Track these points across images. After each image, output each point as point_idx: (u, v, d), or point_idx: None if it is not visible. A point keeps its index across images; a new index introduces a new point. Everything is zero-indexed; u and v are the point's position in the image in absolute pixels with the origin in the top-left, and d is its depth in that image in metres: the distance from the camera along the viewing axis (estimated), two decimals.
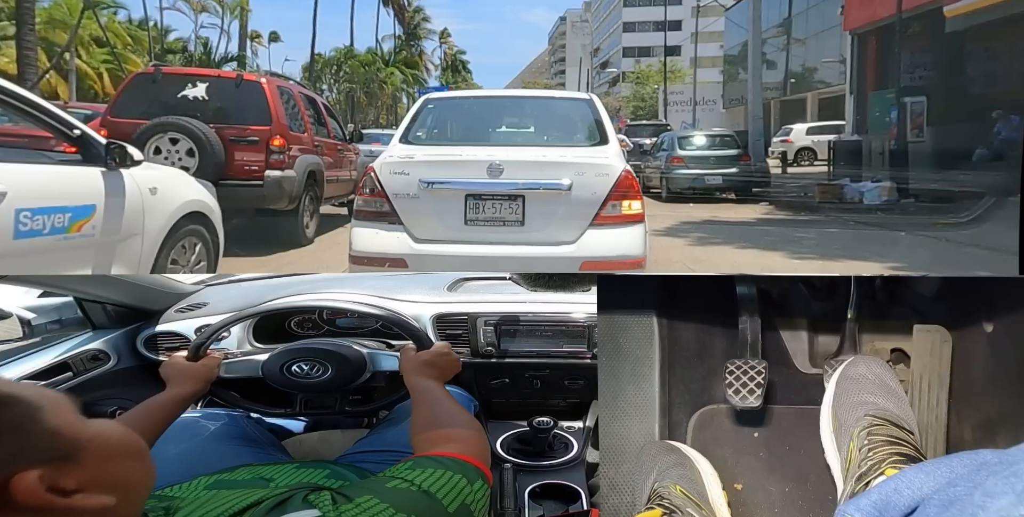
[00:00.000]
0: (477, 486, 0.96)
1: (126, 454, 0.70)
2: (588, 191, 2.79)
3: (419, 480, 0.91)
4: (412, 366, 1.40)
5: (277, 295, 1.98)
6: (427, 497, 0.89)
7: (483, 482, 0.98)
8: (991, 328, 1.32)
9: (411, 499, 0.88)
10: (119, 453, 0.69)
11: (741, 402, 1.40)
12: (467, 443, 1.06)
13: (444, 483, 0.92)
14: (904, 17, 10.93)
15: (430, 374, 1.38)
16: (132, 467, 0.70)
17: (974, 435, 1.33)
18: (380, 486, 0.90)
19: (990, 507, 0.62)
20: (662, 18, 35.59)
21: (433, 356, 1.43)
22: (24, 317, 2.31)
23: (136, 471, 0.71)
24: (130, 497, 0.70)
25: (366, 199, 2.90)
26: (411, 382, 1.36)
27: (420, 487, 0.90)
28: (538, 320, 2.03)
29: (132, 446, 0.71)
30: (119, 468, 0.68)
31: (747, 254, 5.78)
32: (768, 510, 1.38)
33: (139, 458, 0.72)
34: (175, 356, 1.54)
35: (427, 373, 1.37)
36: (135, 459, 0.71)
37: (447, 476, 0.93)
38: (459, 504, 0.91)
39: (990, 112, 9.99)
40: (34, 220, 2.07)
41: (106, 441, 0.67)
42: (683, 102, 27.07)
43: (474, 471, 0.97)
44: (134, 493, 0.71)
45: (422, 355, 1.43)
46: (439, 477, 0.93)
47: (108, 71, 21.53)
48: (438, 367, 1.41)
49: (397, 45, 36.82)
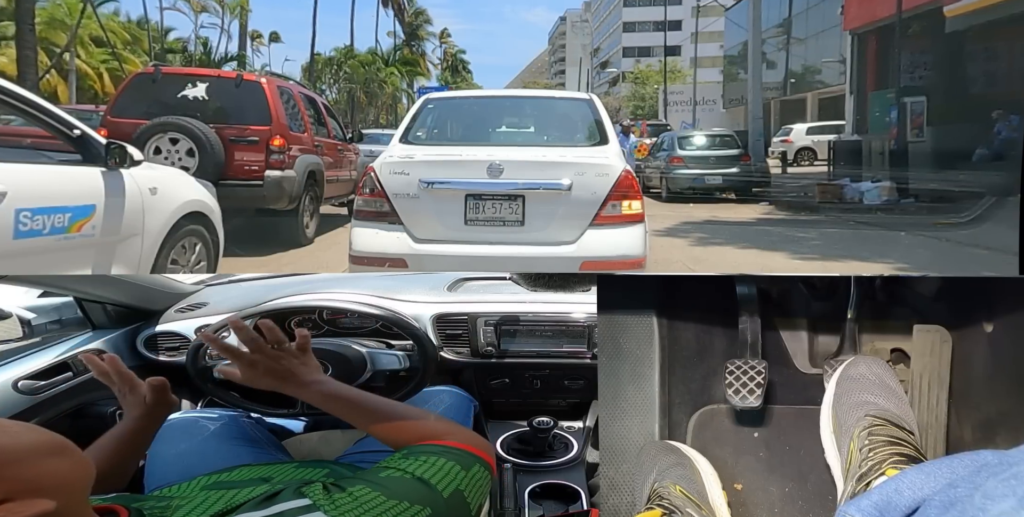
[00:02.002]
0: (474, 471, 0.95)
1: (46, 454, 0.67)
2: (588, 191, 2.79)
3: (411, 468, 0.91)
4: (296, 372, 1.11)
5: (277, 295, 1.98)
6: (420, 483, 0.89)
7: (480, 467, 0.97)
8: (991, 328, 1.32)
9: (404, 486, 0.88)
10: (36, 455, 0.66)
11: (741, 402, 1.40)
12: (456, 432, 1.05)
13: (438, 470, 0.92)
14: (904, 17, 10.94)
15: (312, 369, 1.13)
16: (59, 466, 0.68)
17: (974, 435, 1.33)
18: (374, 476, 0.90)
19: (991, 510, 0.62)
20: (662, 18, 35.60)
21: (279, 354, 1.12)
22: (24, 317, 2.31)
23: (66, 469, 0.69)
24: (73, 497, 0.68)
25: (366, 199, 2.89)
26: (315, 387, 1.10)
27: (413, 474, 0.90)
28: (538, 320, 2.03)
29: (50, 445, 0.69)
30: (44, 470, 0.66)
31: (747, 254, 5.78)
32: (768, 510, 1.38)
33: (63, 455, 0.70)
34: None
35: (312, 371, 1.13)
36: (59, 457, 0.69)
37: (440, 462, 0.93)
38: (452, 489, 0.90)
39: (990, 112, 9.99)
40: (34, 220, 2.07)
41: (15, 447, 0.65)
42: (683, 102, 27.05)
43: (470, 457, 0.97)
44: (75, 492, 0.69)
45: (272, 357, 1.10)
46: (432, 463, 0.93)
47: (108, 71, 21.51)
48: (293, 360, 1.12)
49: (397, 45, 36.83)
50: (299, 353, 1.13)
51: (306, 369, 1.12)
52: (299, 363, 1.12)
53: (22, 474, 0.64)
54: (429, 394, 1.73)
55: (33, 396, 1.73)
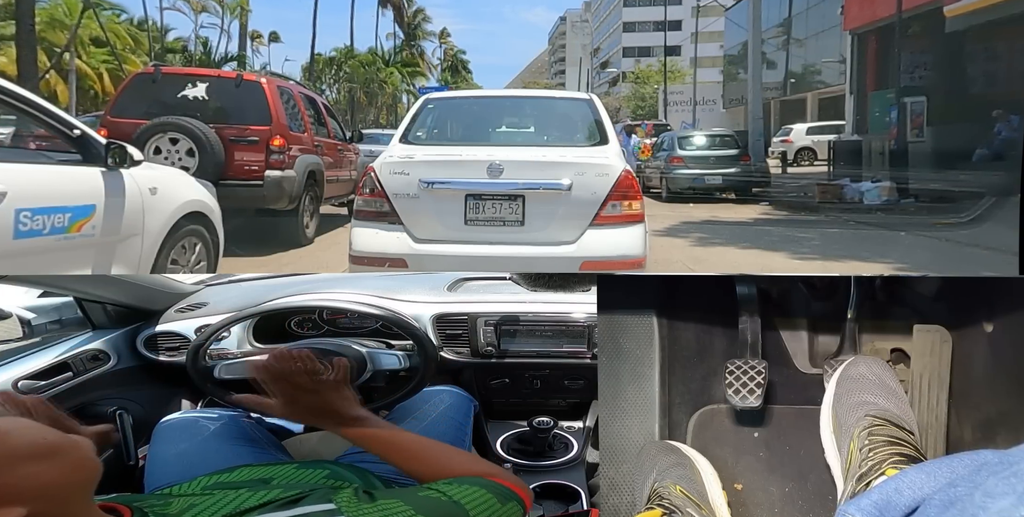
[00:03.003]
0: (509, 506, 0.97)
1: (28, 459, 0.64)
2: (588, 191, 2.79)
3: (451, 492, 0.93)
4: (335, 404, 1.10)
5: (277, 295, 1.98)
6: (454, 506, 0.90)
7: (516, 503, 0.99)
8: (991, 328, 1.32)
9: (437, 507, 0.89)
10: (14, 462, 0.63)
11: (741, 402, 1.40)
12: (498, 472, 1.06)
13: (474, 498, 0.93)
14: (904, 17, 10.93)
15: (351, 403, 1.12)
16: (43, 471, 0.65)
17: (974, 435, 1.33)
18: (412, 493, 0.92)
19: (991, 508, 0.62)
20: (662, 18, 35.57)
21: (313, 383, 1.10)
22: (24, 317, 2.31)
23: (53, 473, 0.65)
24: (54, 501, 0.65)
25: (366, 199, 2.90)
26: (357, 424, 1.09)
27: (451, 498, 0.91)
28: (538, 320, 2.03)
29: (36, 449, 0.65)
30: (20, 474, 0.63)
31: (747, 254, 5.78)
32: (768, 510, 1.38)
33: (53, 458, 0.66)
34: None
35: (351, 403, 1.12)
36: (46, 461, 0.65)
37: (478, 492, 0.94)
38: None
39: (990, 112, 9.99)
40: (34, 220, 2.07)
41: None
42: (683, 102, 27.04)
43: (509, 492, 0.98)
44: (57, 495, 0.66)
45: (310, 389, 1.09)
46: (471, 492, 0.94)
47: (108, 71, 21.50)
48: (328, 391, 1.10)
49: (397, 45, 36.82)
50: (337, 385, 1.09)
51: (347, 403, 1.09)
52: (339, 397, 1.09)
53: (4, 480, 0.62)
54: (429, 394, 1.72)
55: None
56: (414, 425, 1.57)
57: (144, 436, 1.84)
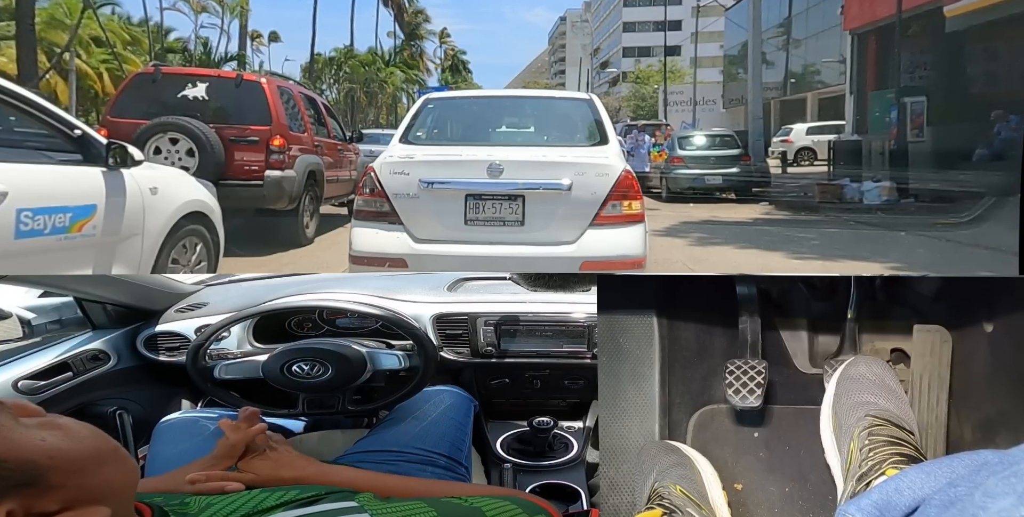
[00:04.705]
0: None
1: (98, 461, 0.67)
2: (588, 191, 2.79)
3: (475, 500, 0.93)
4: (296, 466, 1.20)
5: (277, 295, 1.98)
6: (474, 512, 0.90)
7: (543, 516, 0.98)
8: (991, 328, 1.32)
9: (457, 510, 0.89)
10: (90, 463, 0.66)
11: (741, 402, 1.40)
12: (523, 493, 1.07)
13: (499, 508, 0.93)
14: (904, 17, 10.93)
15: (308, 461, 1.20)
16: (111, 472, 0.68)
17: (974, 435, 1.33)
18: (437, 498, 0.92)
19: (991, 508, 0.62)
20: (662, 18, 35.53)
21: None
22: (24, 317, 2.31)
23: (118, 474, 0.69)
24: (123, 500, 0.69)
25: (366, 199, 2.90)
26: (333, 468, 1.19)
27: (472, 505, 0.92)
28: (538, 320, 2.03)
29: (102, 452, 0.68)
30: (98, 477, 0.66)
31: (747, 254, 5.78)
32: (768, 510, 1.38)
33: (114, 460, 0.69)
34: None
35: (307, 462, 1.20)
36: (110, 463, 0.68)
37: (505, 504, 0.94)
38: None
39: (990, 112, 9.99)
40: (35, 220, 2.07)
41: (68, 455, 0.64)
42: (683, 102, 27.03)
43: (536, 508, 0.98)
44: (125, 495, 0.70)
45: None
46: (497, 503, 0.94)
47: (108, 71, 21.48)
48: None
49: (397, 45, 36.82)
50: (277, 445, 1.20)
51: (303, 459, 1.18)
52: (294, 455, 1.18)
53: (86, 482, 0.64)
54: (429, 394, 1.72)
55: (33, 396, 1.73)
56: (414, 425, 1.57)
57: (144, 436, 1.84)
